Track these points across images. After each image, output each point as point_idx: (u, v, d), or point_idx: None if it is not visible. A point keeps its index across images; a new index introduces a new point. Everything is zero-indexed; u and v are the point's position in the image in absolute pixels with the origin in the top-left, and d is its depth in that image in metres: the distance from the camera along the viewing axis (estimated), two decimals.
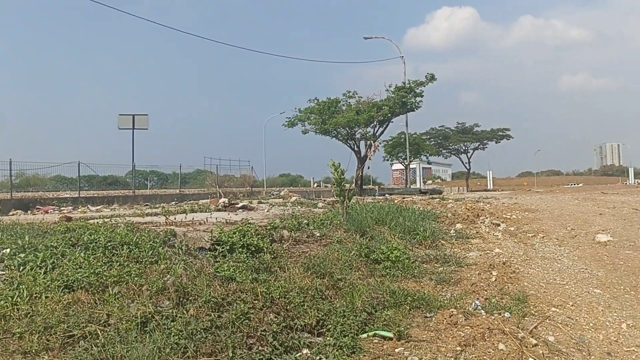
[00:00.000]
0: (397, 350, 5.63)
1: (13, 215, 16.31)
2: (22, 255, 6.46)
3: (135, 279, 6.01)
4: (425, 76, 44.67)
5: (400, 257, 8.45)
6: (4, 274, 6.15)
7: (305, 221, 10.12)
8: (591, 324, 6.73)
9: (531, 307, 7.02)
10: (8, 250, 6.68)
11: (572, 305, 7.28)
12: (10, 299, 5.36)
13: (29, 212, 20.10)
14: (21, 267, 6.20)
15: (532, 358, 5.44)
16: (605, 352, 5.96)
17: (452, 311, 6.62)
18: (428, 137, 78.43)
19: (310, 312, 5.99)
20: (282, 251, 7.95)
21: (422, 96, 44.78)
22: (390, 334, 5.92)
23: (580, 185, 79.98)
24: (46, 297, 5.45)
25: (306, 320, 5.81)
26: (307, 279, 6.95)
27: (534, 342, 5.86)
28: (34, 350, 4.58)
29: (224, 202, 14.47)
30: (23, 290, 5.52)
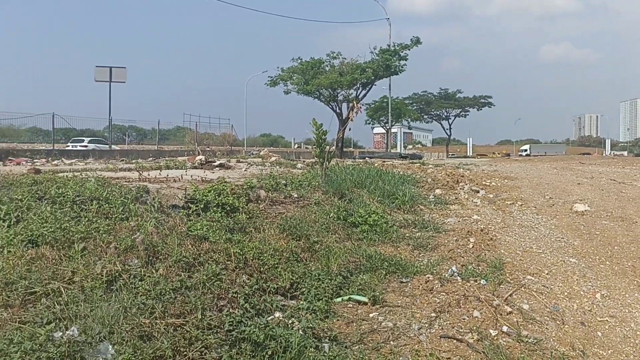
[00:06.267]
0: (371, 315, 5.55)
1: None
2: None
3: (104, 235, 5.78)
4: (411, 39, 44.26)
5: (378, 221, 8.33)
6: None
7: (283, 182, 9.91)
8: (566, 293, 6.72)
9: (507, 275, 6.99)
10: None
11: (547, 274, 7.26)
12: None
13: (0, 163, 19.53)
14: None
15: (506, 326, 5.40)
16: (579, 322, 5.95)
17: (429, 277, 6.56)
18: (410, 102, 78.11)
19: (284, 274, 5.85)
20: (258, 211, 7.75)
21: (406, 60, 44.41)
22: (365, 299, 5.83)
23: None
24: (8, 252, 5.20)
25: (280, 283, 5.68)
26: (282, 240, 6.79)
27: (509, 309, 5.82)
28: None
29: (200, 160, 14.16)
30: None
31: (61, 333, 3.89)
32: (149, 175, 9.78)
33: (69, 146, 34.87)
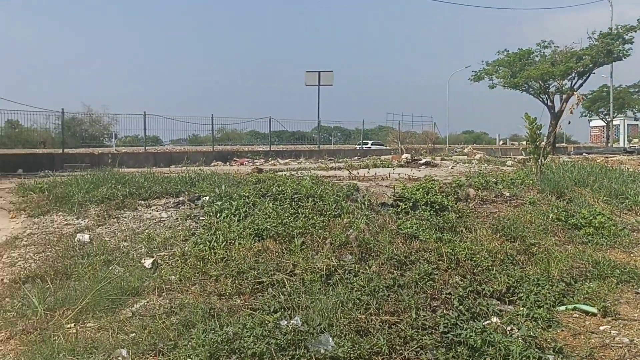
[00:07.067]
0: (602, 327, 4.99)
1: (214, 165, 17.92)
2: (219, 203, 6.92)
3: (320, 231, 6.09)
4: (638, 20, 39.09)
5: (605, 223, 7.49)
6: (204, 220, 6.66)
7: (493, 180, 9.45)
8: None
9: None
10: (207, 197, 7.21)
11: None
12: (208, 243, 5.77)
13: (227, 163, 21.99)
14: (218, 214, 6.66)
15: None
16: None
17: None
18: (637, 90, 69.18)
19: (500, 277, 5.55)
20: (467, 210, 7.49)
21: (632, 43, 39.33)
22: (593, 309, 5.26)
23: None
24: (239, 244, 5.76)
25: (495, 286, 5.39)
26: (495, 241, 6.46)
27: None
28: (227, 293, 4.85)
29: (406, 158, 14.24)
30: (219, 236, 5.91)
31: (286, 322, 4.16)
32: (357, 173, 10.09)
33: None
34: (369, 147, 39.21)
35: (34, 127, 25.51)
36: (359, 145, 40.92)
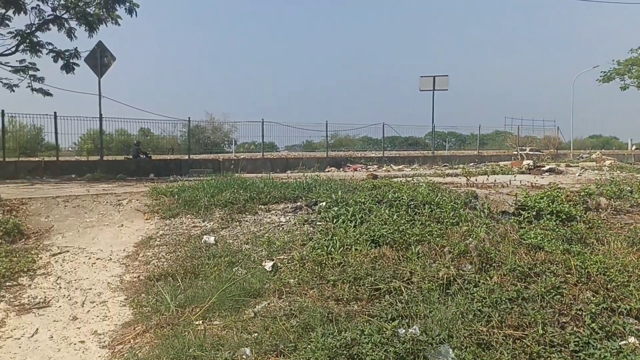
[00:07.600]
0: None
1: (328, 171, 18.19)
2: (336, 208, 7.01)
3: (437, 239, 5.96)
4: None
5: None
6: (320, 225, 6.78)
7: (628, 188, 8.72)
8: None
9: None
10: (324, 203, 7.33)
11: None
12: (325, 248, 5.86)
13: (340, 169, 22.25)
14: (334, 220, 6.74)
15: None
16: None
17: None
18: None
19: (638, 294, 5.09)
20: (598, 221, 6.98)
21: None
22: None
23: None
24: (355, 250, 5.79)
25: (632, 304, 4.96)
26: (632, 255, 5.96)
27: None
28: (345, 298, 4.89)
29: (528, 165, 13.56)
30: (336, 241, 5.98)
31: (404, 330, 4.11)
32: (476, 180, 9.77)
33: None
34: (527, 153, 38.10)
35: (163, 135, 27.46)
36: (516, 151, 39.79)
